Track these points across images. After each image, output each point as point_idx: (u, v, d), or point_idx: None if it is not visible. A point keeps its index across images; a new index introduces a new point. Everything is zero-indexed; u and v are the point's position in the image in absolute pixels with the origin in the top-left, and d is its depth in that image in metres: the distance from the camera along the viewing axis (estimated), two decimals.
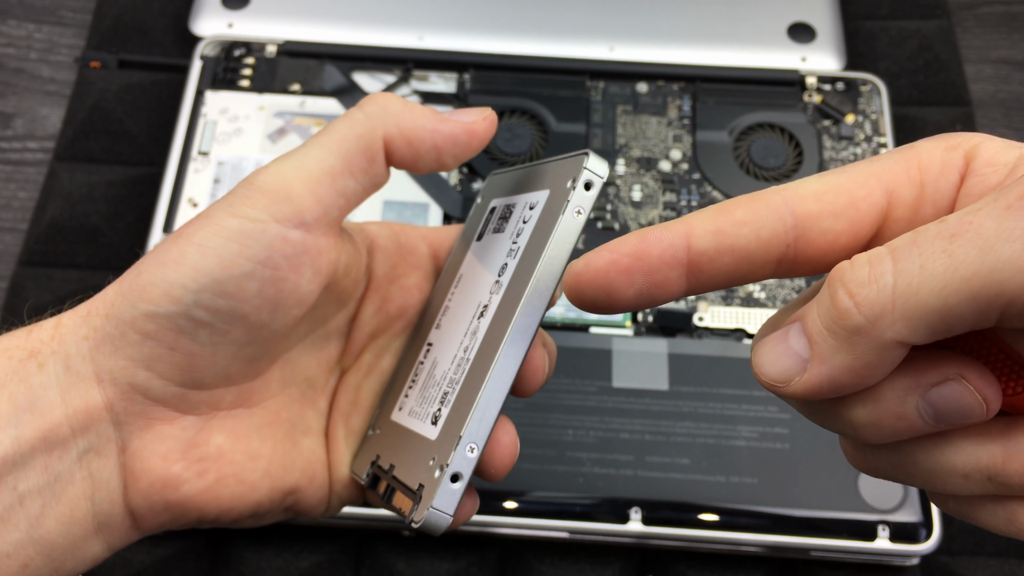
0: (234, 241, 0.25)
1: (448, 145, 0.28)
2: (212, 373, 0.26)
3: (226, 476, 0.27)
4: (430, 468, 0.25)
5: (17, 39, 0.59)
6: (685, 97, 0.53)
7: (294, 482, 0.28)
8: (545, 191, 0.28)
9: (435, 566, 0.43)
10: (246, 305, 0.25)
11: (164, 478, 0.26)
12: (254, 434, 0.28)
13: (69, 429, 0.25)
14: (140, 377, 0.25)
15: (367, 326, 0.31)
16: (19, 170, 0.55)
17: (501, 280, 0.27)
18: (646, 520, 0.42)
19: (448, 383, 0.27)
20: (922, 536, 0.42)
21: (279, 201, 0.26)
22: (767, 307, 0.47)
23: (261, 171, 0.26)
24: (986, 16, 0.60)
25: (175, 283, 0.25)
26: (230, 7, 0.55)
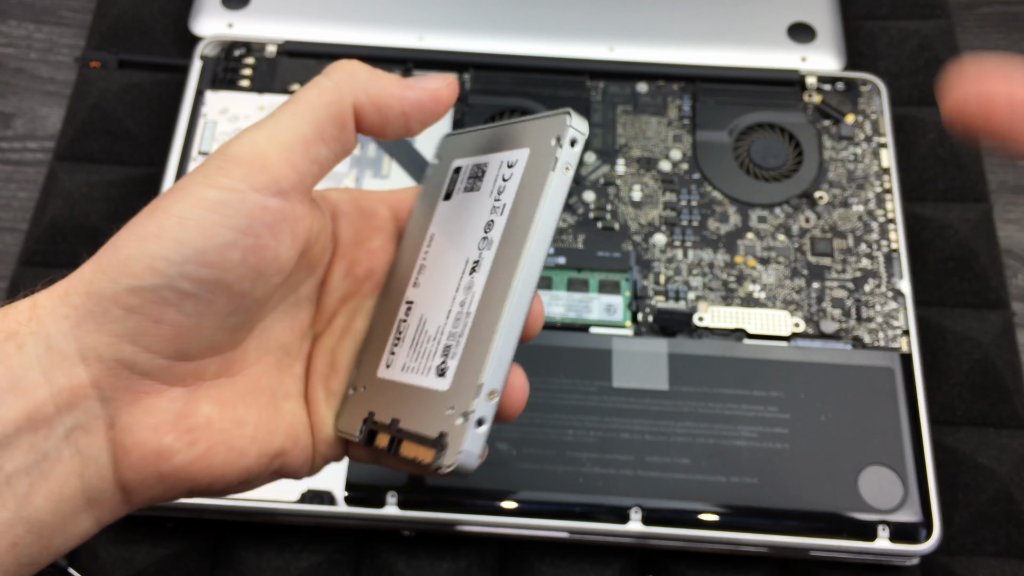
0: (214, 212, 0.25)
1: (415, 111, 0.29)
2: (198, 344, 0.26)
3: (216, 444, 0.27)
4: (448, 416, 0.26)
5: (17, 39, 0.59)
6: (685, 97, 0.53)
7: (279, 445, 0.29)
8: (524, 149, 0.29)
9: (435, 566, 0.43)
10: (230, 274, 0.26)
11: (156, 450, 0.26)
12: (239, 401, 0.28)
13: (54, 408, 0.25)
14: (126, 352, 0.25)
15: (337, 291, 0.31)
16: (19, 170, 0.55)
17: (490, 236, 0.28)
18: (646, 520, 0.42)
19: (448, 336, 0.28)
20: (922, 536, 0.42)
21: (255, 170, 0.26)
22: (767, 307, 0.47)
23: (233, 142, 0.27)
24: (986, 16, 0.60)
25: (157, 255, 0.25)
26: (230, 7, 0.55)
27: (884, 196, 0.50)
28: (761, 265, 0.48)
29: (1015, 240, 0.53)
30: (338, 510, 0.42)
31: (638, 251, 0.48)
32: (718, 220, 0.49)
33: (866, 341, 0.46)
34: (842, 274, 0.48)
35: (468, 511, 0.42)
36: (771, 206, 0.50)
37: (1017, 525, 0.44)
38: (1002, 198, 0.54)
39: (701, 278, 0.48)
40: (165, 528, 0.44)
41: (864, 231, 0.49)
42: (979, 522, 0.45)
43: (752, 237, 0.49)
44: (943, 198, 0.53)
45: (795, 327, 0.46)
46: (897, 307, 0.47)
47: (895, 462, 0.43)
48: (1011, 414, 0.47)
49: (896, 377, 0.45)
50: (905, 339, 0.46)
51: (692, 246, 0.49)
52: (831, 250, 0.48)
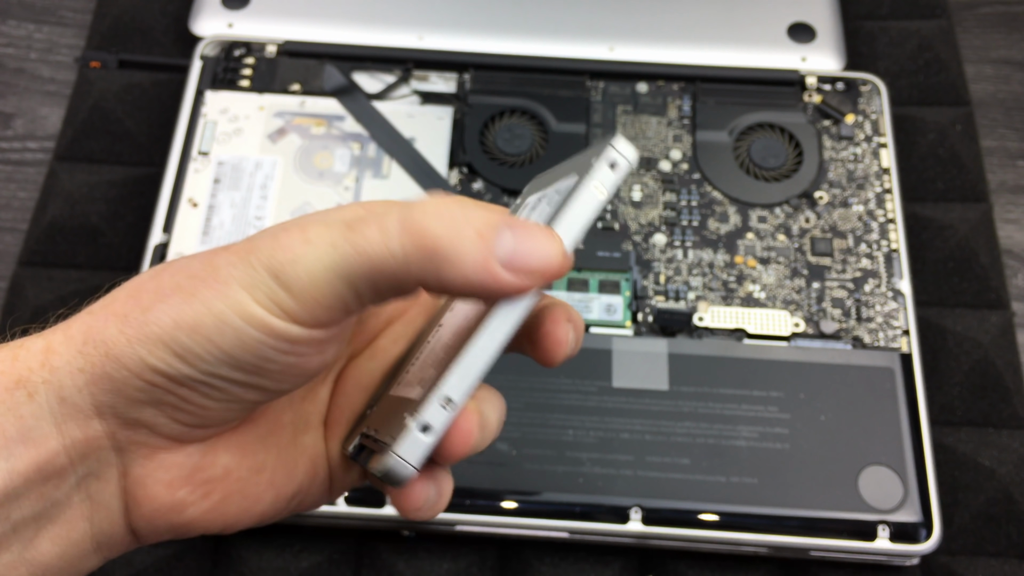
0: (256, 329, 0.23)
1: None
2: (223, 420, 0.25)
3: (231, 493, 0.26)
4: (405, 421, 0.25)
5: (17, 39, 0.59)
6: (685, 97, 0.53)
7: (297, 485, 0.28)
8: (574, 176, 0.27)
9: (435, 566, 0.43)
10: (266, 380, 0.24)
11: (169, 504, 0.25)
12: (259, 446, 0.27)
13: (67, 459, 0.24)
14: (146, 415, 0.24)
15: (382, 313, 0.30)
16: (19, 170, 0.55)
17: None
18: (646, 520, 0.42)
19: (443, 349, 0.27)
20: (922, 536, 0.42)
21: (305, 310, 0.23)
22: (767, 307, 0.47)
23: (288, 265, 0.23)
24: (986, 16, 0.60)
25: (189, 351, 0.23)
26: (230, 7, 0.55)
27: (884, 196, 0.50)
28: (761, 265, 0.48)
29: (1015, 240, 0.53)
30: (338, 510, 0.42)
31: (638, 251, 0.48)
32: (718, 220, 0.49)
33: (866, 341, 0.46)
34: (842, 274, 0.48)
35: (468, 511, 0.42)
36: (771, 206, 0.50)
37: (1017, 525, 0.44)
38: (1002, 198, 0.54)
39: (701, 278, 0.48)
40: None
41: (864, 231, 0.49)
42: (979, 522, 0.45)
43: (752, 237, 0.49)
44: (943, 198, 0.53)
45: (795, 327, 0.46)
46: (897, 307, 0.47)
47: (895, 462, 0.43)
48: (1011, 414, 0.47)
49: (896, 377, 0.45)
50: (905, 339, 0.46)
51: (692, 246, 0.49)
52: (831, 250, 0.48)
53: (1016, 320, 0.50)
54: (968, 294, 0.50)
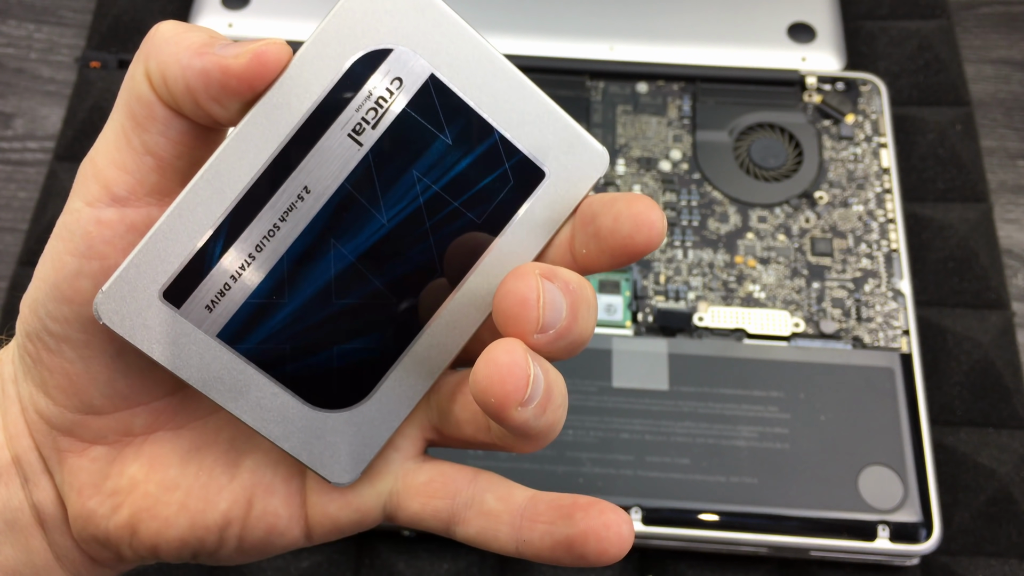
0: (58, 239, 0.22)
1: (200, 85, 0.21)
2: (98, 393, 0.23)
3: (140, 511, 0.24)
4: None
5: (17, 39, 0.59)
6: (685, 97, 0.53)
7: (221, 515, 0.24)
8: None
9: (435, 566, 0.43)
10: (87, 307, 0.22)
11: (83, 514, 0.24)
12: (175, 461, 0.24)
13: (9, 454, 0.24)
14: (41, 403, 0.23)
15: None
16: (19, 170, 0.55)
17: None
18: (646, 520, 0.42)
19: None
20: (922, 536, 0.42)
21: (87, 181, 0.22)
22: (767, 307, 0.47)
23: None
24: (986, 16, 0.60)
25: (29, 297, 0.23)
26: (230, 7, 0.55)
27: (884, 196, 0.50)
28: (761, 265, 0.48)
29: (1015, 240, 0.53)
30: None
31: None
32: (718, 220, 0.49)
33: (866, 341, 0.46)
34: (842, 274, 0.48)
35: None
36: (771, 206, 0.50)
37: (1017, 525, 0.44)
38: (1002, 198, 0.54)
39: (701, 278, 0.48)
40: None
41: (864, 231, 0.49)
42: (979, 522, 0.45)
43: (752, 237, 0.49)
44: (943, 198, 0.53)
45: (795, 327, 0.46)
46: (897, 307, 0.47)
47: (895, 462, 0.43)
48: (1011, 414, 0.47)
49: (896, 377, 0.45)
50: (905, 339, 0.46)
51: (692, 246, 0.49)
52: (831, 250, 0.48)
53: (1016, 320, 0.50)
54: (968, 294, 0.50)
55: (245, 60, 0.21)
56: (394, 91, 0.22)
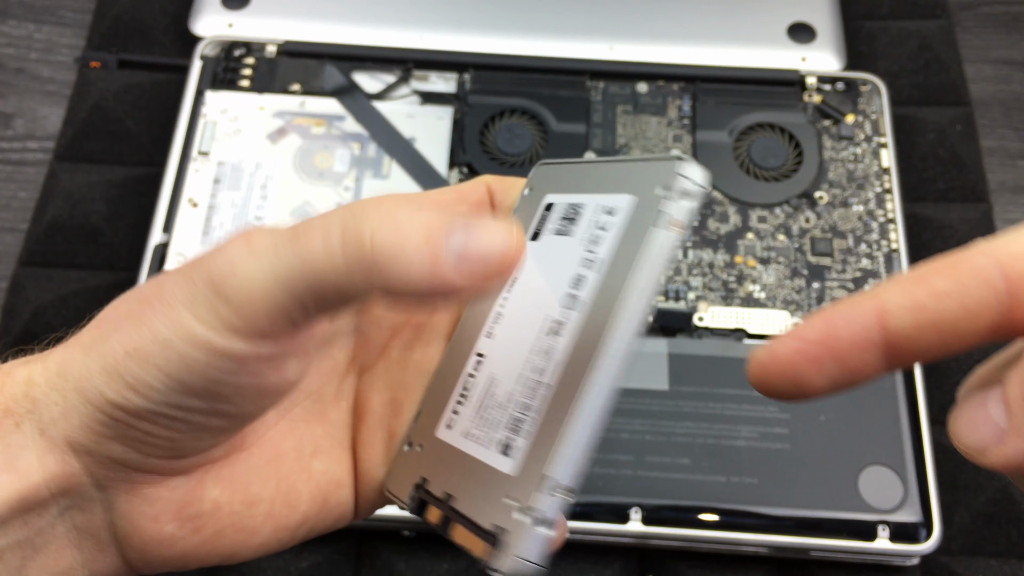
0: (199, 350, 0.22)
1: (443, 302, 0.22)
2: (195, 450, 0.24)
3: (224, 528, 0.25)
4: (506, 508, 0.23)
5: (17, 39, 0.59)
6: (685, 97, 0.53)
7: (301, 516, 0.26)
8: (627, 196, 0.25)
9: (435, 566, 0.43)
10: (225, 404, 0.23)
11: (157, 538, 0.24)
12: (253, 478, 0.25)
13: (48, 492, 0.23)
14: (116, 451, 0.23)
15: (386, 320, 0.28)
16: (19, 170, 0.55)
17: (579, 295, 0.24)
18: (646, 520, 0.42)
19: (519, 407, 0.24)
20: (922, 536, 0.42)
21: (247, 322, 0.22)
22: (767, 307, 0.47)
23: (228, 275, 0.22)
24: (986, 16, 0.60)
25: (140, 380, 0.22)
26: (230, 7, 0.55)
27: (884, 196, 0.50)
28: (761, 265, 0.48)
29: None
30: None
31: None
32: (718, 220, 0.49)
33: None
34: (842, 274, 0.48)
35: None
36: (771, 206, 0.50)
37: (1017, 525, 0.44)
38: (1002, 198, 0.54)
39: (701, 278, 0.48)
40: None
41: (864, 231, 0.49)
42: (979, 522, 0.45)
43: (752, 237, 0.49)
44: (943, 198, 0.53)
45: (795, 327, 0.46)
46: None
47: (895, 462, 0.43)
48: None
49: (896, 377, 0.45)
50: None
51: (692, 246, 0.49)
52: (831, 250, 0.48)
53: None
54: None
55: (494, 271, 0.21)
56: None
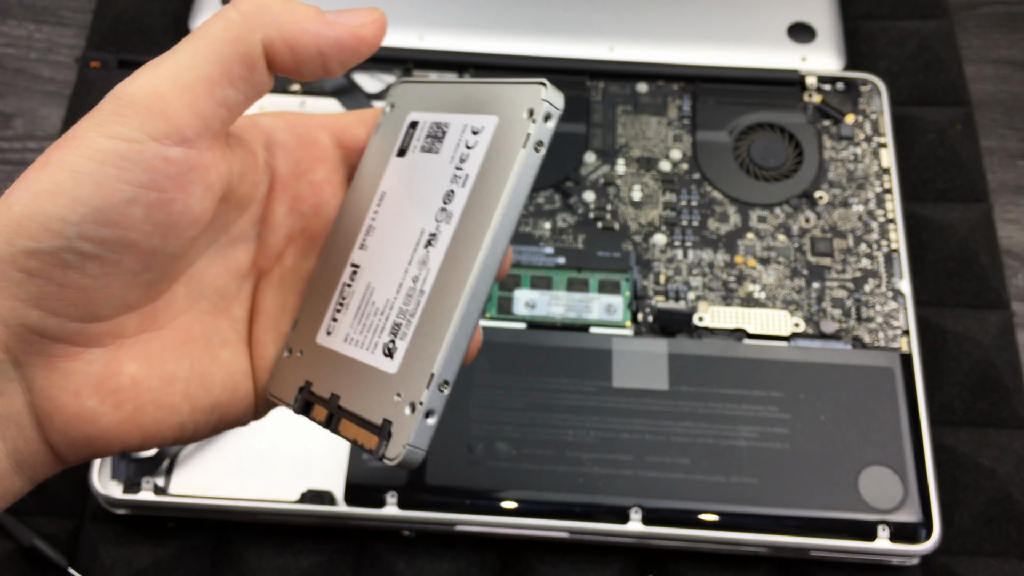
0: (110, 165, 0.23)
1: (334, 51, 0.26)
2: (109, 304, 0.25)
3: (144, 404, 0.26)
4: (396, 403, 0.25)
5: (17, 39, 0.59)
6: (685, 97, 0.53)
7: (215, 399, 0.27)
8: (492, 117, 0.27)
9: (435, 566, 0.43)
10: (134, 232, 0.24)
11: (79, 414, 0.25)
12: (168, 356, 0.26)
13: None
14: (32, 317, 0.23)
15: (281, 227, 0.29)
16: (19, 170, 0.55)
17: (450, 208, 0.27)
18: (646, 520, 0.42)
19: (398, 313, 0.27)
20: (922, 536, 0.42)
21: (154, 117, 0.24)
22: (767, 307, 0.47)
23: (129, 82, 0.24)
24: (986, 16, 0.60)
25: (53, 215, 0.23)
26: None
27: (884, 196, 0.50)
28: (761, 265, 0.48)
29: (1015, 240, 0.53)
30: (338, 510, 0.42)
31: (638, 251, 0.48)
32: (718, 220, 0.49)
33: (866, 341, 0.46)
34: (842, 274, 0.48)
35: (468, 511, 0.42)
36: (771, 206, 0.50)
37: (1017, 525, 0.44)
38: (1002, 198, 0.54)
39: (701, 278, 0.48)
40: (165, 528, 0.44)
41: (864, 231, 0.49)
42: (979, 522, 0.45)
43: (752, 237, 0.49)
44: (943, 198, 0.53)
45: (795, 327, 0.46)
46: (897, 307, 0.47)
47: (895, 462, 0.43)
48: (1011, 414, 0.47)
49: (896, 377, 0.45)
50: (905, 339, 0.46)
51: (692, 246, 0.49)
52: (831, 250, 0.48)
53: (1016, 320, 0.50)
54: (968, 294, 0.50)
55: (374, 30, 0.26)
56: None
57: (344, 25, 0.26)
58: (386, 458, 0.25)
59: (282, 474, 0.43)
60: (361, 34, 0.26)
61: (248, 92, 0.25)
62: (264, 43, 0.25)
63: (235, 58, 0.25)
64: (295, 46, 0.25)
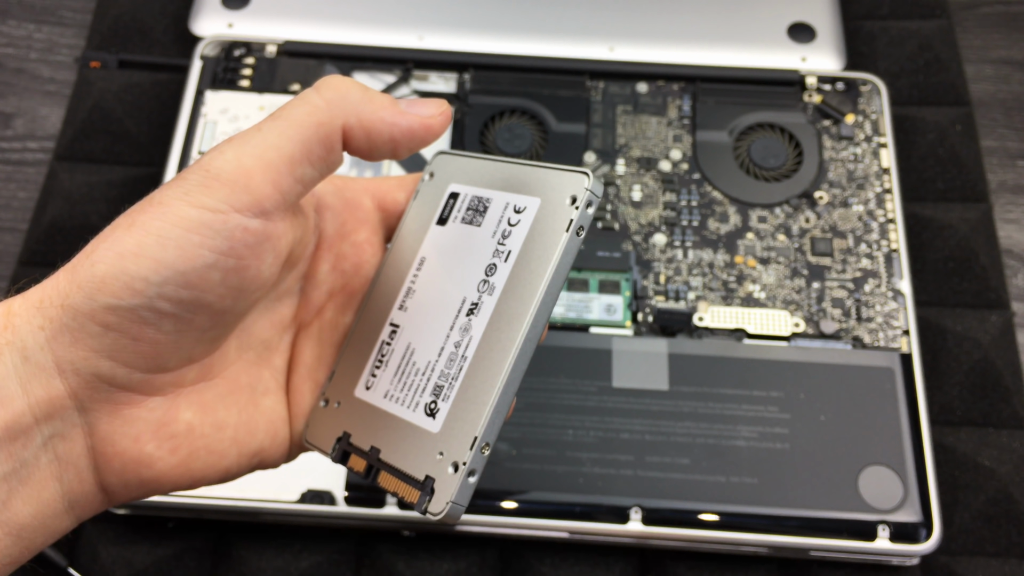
0: (195, 232, 0.25)
1: (405, 139, 0.28)
2: (176, 357, 0.26)
3: (197, 449, 0.28)
4: (439, 461, 0.27)
5: (17, 39, 0.59)
6: (685, 97, 0.53)
7: (258, 444, 0.29)
8: (535, 198, 0.29)
9: (435, 566, 0.43)
10: (210, 294, 0.26)
11: (137, 458, 0.26)
12: (219, 404, 0.28)
13: (32, 418, 0.25)
14: (104, 367, 0.25)
15: (324, 284, 0.31)
16: (19, 170, 0.55)
17: (492, 281, 0.28)
18: (646, 520, 0.42)
19: (440, 376, 0.28)
20: (922, 536, 0.42)
21: (239, 190, 0.25)
22: (767, 307, 0.47)
23: (216, 155, 0.26)
24: (986, 16, 0.60)
25: (136, 276, 0.24)
26: (230, 7, 0.55)
27: (884, 196, 0.50)
28: (761, 265, 0.48)
29: (1015, 240, 0.53)
30: (338, 510, 0.42)
31: (638, 251, 0.48)
32: (718, 220, 0.49)
33: (866, 341, 0.46)
34: (842, 274, 0.48)
35: (468, 511, 0.42)
36: (771, 206, 0.50)
37: (1017, 525, 0.44)
38: (1002, 198, 0.54)
39: (701, 278, 0.48)
40: (165, 528, 0.44)
41: (864, 231, 0.49)
42: (979, 522, 0.45)
43: (752, 237, 0.49)
44: (943, 198, 0.53)
45: (795, 327, 0.46)
46: (897, 307, 0.47)
47: (895, 462, 0.43)
48: (1011, 414, 0.47)
49: (896, 377, 0.45)
50: (905, 339, 0.46)
51: (692, 246, 0.49)
52: (831, 250, 0.48)
53: (1016, 320, 0.50)
54: (968, 294, 0.50)
55: (442, 121, 0.29)
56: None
57: (415, 116, 0.28)
58: (429, 512, 0.27)
59: (282, 474, 0.43)
60: (430, 124, 0.29)
61: (323, 170, 0.28)
62: (344, 128, 0.27)
63: (316, 141, 0.27)
64: (371, 133, 0.28)
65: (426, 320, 0.30)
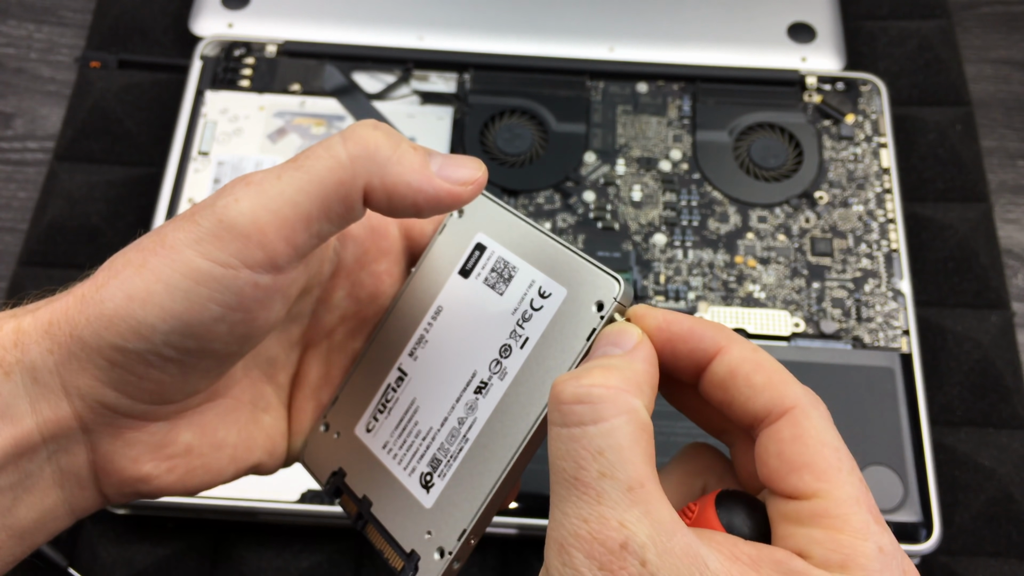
0: (204, 285, 0.24)
1: (429, 205, 0.26)
2: (181, 392, 0.27)
3: (194, 468, 0.28)
4: (426, 541, 0.27)
5: (17, 39, 0.59)
6: (685, 97, 0.53)
7: (256, 460, 0.29)
8: (563, 289, 0.27)
9: None
10: (216, 343, 0.25)
11: (135, 477, 0.27)
12: (219, 424, 0.28)
13: (40, 437, 0.25)
14: (109, 396, 0.25)
15: (337, 309, 0.31)
16: (19, 170, 0.55)
17: (505, 365, 0.27)
18: None
19: (439, 449, 0.28)
20: (922, 536, 0.42)
21: (252, 247, 0.25)
22: (767, 307, 0.47)
23: (232, 203, 0.25)
24: (986, 16, 0.60)
25: (144, 322, 0.24)
26: (230, 7, 0.55)
27: (884, 196, 0.50)
28: (761, 265, 0.48)
29: (1015, 240, 0.53)
30: (338, 510, 0.42)
31: (638, 251, 0.48)
32: (718, 220, 0.49)
33: (866, 341, 0.46)
34: (842, 274, 0.48)
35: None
36: (771, 206, 0.50)
37: (1017, 525, 0.44)
38: (1002, 198, 0.54)
39: (701, 278, 0.48)
40: (165, 528, 0.44)
41: (864, 231, 0.49)
42: (979, 522, 0.45)
43: (752, 237, 0.49)
44: (943, 198, 0.53)
45: (795, 327, 0.46)
46: (897, 307, 0.47)
47: (895, 462, 0.43)
48: (1011, 414, 0.47)
49: (896, 377, 0.45)
50: (905, 339, 0.46)
51: (692, 246, 0.49)
52: (831, 250, 0.48)
53: (1016, 320, 0.50)
54: (968, 294, 0.50)
55: (472, 190, 0.27)
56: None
57: (443, 184, 0.26)
58: (393, 566, 0.27)
59: (282, 474, 0.43)
60: (459, 194, 0.26)
61: (341, 225, 0.26)
62: (365, 188, 0.26)
63: (336, 199, 0.25)
64: (393, 196, 0.26)
65: (433, 381, 0.29)
